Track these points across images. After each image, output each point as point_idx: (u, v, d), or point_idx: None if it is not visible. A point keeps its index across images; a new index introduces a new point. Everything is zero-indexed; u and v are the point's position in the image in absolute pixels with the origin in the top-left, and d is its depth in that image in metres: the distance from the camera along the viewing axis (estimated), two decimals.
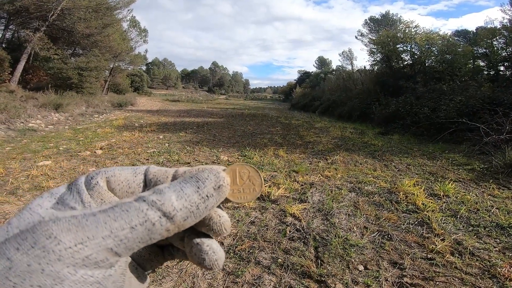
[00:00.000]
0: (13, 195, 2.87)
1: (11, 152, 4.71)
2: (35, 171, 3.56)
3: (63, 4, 12.66)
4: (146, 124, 8.56)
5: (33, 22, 13.57)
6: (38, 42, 12.67)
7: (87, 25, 13.81)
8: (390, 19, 26.60)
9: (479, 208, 2.81)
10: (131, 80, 28.27)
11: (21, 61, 12.49)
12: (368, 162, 4.54)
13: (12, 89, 10.78)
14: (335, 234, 2.28)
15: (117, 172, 0.23)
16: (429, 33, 12.78)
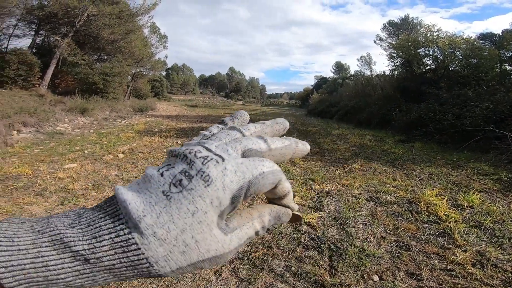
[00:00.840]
0: (41, 196, 3.04)
1: (40, 154, 5.00)
2: (62, 173, 3.75)
3: (89, 11, 13.43)
4: (166, 129, 8.81)
5: (61, 28, 14.49)
6: (66, 47, 13.48)
7: (111, 31, 14.56)
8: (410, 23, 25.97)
9: (505, 219, 2.68)
10: (152, 86, 29.24)
11: (51, 66, 13.28)
12: (388, 171, 4.42)
13: (42, 93, 11.44)
14: (351, 243, 2.25)
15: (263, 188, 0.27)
16: (453, 36, 12.33)
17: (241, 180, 0.23)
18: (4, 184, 3.31)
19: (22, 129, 6.92)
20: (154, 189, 0.22)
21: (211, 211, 0.22)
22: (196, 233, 0.22)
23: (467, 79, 10.71)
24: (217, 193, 0.22)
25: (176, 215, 0.21)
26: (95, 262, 0.20)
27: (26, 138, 6.39)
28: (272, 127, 0.32)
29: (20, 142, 5.96)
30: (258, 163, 0.24)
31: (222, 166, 0.23)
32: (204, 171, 0.22)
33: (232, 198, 0.23)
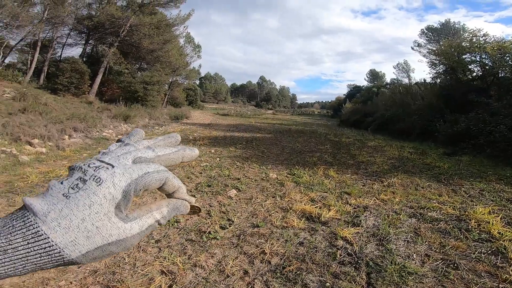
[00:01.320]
0: None
1: (88, 158, 5.41)
2: None
3: (131, 21, 14.61)
4: (199, 137, 9.09)
5: (108, 37, 15.95)
6: (112, 56, 14.74)
7: (151, 41, 15.65)
8: (452, 28, 24.29)
9: None
10: (187, 94, 30.53)
11: (99, 74, 14.53)
12: (432, 186, 4.11)
13: (91, 100, 12.48)
14: (391, 260, 2.11)
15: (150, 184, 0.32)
16: (501, 41, 11.34)
17: (128, 179, 0.29)
18: None
19: (73, 134, 7.58)
20: (55, 193, 0.27)
21: (106, 203, 0.27)
22: (96, 221, 0.27)
23: None
24: (109, 189, 0.28)
25: (75, 209, 0.26)
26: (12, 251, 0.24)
27: (76, 142, 6.98)
28: (164, 140, 0.38)
29: (71, 146, 6.52)
30: (144, 165, 0.31)
31: (111, 170, 0.29)
32: (96, 175, 0.28)
33: (123, 193, 0.28)
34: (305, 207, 3.06)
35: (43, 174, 4.06)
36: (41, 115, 7.68)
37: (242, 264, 2.08)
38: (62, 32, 15.33)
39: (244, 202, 3.30)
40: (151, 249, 2.26)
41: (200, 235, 2.48)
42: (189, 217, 2.84)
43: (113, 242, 0.28)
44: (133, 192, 0.29)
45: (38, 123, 7.05)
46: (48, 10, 12.31)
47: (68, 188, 0.27)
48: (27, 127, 6.53)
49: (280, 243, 2.36)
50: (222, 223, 2.73)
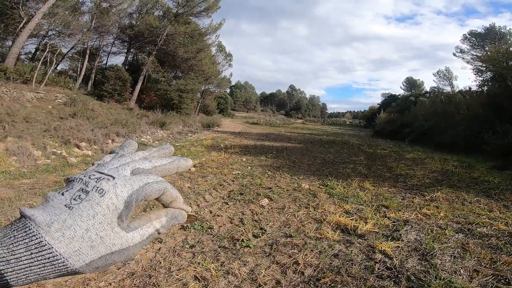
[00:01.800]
0: None
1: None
2: None
3: (167, 30, 15.57)
4: (230, 145, 9.27)
5: (146, 46, 17.10)
6: (151, 65, 15.75)
7: (185, 49, 16.50)
8: (497, 32, 22.45)
9: None
10: (218, 102, 31.40)
11: (139, 82, 15.54)
12: (481, 201, 3.78)
13: (131, 107, 13.33)
14: (436, 275, 1.99)
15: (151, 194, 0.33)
16: None
17: (130, 190, 0.30)
18: None
19: (115, 138, 8.16)
20: (57, 204, 0.28)
21: (109, 214, 0.28)
22: (99, 231, 0.27)
23: None
24: (112, 200, 0.29)
25: (79, 219, 0.27)
26: (15, 261, 0.24)
27: (118, 147, 7.50)
28: (158, 152, 0.40)
29: None
30: (143, 176, 0.32)
31: (113, 182, 0.30)
32: (98, 186, 0.29)
33: (126, 203, 0.29)
34: (339, 219, 2.96)
35: None
36: (88, 120, 8.38)
37: (274, 274, 2.07)
38: (108, 41, 16.82)
39: (277, 212, 3.29)
40: (186, 254, 2.32)
41: (233, 243, 2.50)
42: (222, 224, 2.89)
43: (116, 251, 0.28)
44: (135, 202, 0.30)
45: (86, 127, 7.71)
46: (95, 19, 13.51)
47: (70, 199, 0.28)
48: (76, 131, 7.16)
49: (314, 254, 2.31)
50: (254, 231, 2.74)
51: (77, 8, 13.26)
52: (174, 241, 2.53)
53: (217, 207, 3.40)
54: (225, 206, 3.43)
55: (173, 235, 2.64)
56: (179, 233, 2.69)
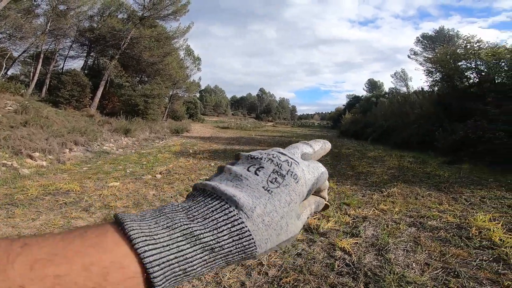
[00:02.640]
0: (86, 212, 3.27)
1: (88, 172, 5.45)
2: (106, 191, 4.04)
3: (132, 34, 14.93)
4: (199, 151, 9.13)
5: (109, 50, 16.26)
6: (113, 69, 14.97)
7: (151, 53, 15.94)
8: (446, 35, 24.60)
9: None
10: (187, 107, 30.76)
11: (100, 87, 14.68)
12: (432, 195, 4.09)
13: (92, 114, 12.57)
14: (390, 270, 2.10)
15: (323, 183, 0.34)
16: (495, 47, 11.44)
17: (313, 178, 0.31)
18: (54, 199, 3.64)
19: (73, 147, 7.64)
20: (254, 185, 0.27)
21: (298, 201, 0.29)
22: (289, 218, 0.27)
23: None
24: (303, 187, 0.29)
25: (278, 205, 0.26)
26: (218, 250, 0.23)
27: (76, 156, 7.03)
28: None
29: (71, 160, 6.56)
30: (317, 165, 0.33)
31: (300, 167, 0.30)
32: (293, 171, 0.29)
33: (308, 191, 0.30)
34: None
35: (43, 187, 4.08)
36: (42, 128, 7.76)
37: (239, 276, 2.07)
38: (64, 44, 15.72)
39: None
40: None
41: None
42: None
43: (290, 238, 0.28)
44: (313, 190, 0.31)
45: (39, 136, 7.13)
46: (51, 22, 12.62)
47: (267, 181, 0.27)
48: (28, 141, 6.60)
49: (278, 255, 2.35)
50: None
51: (31, 10, 12.27)
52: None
53: None
54: None
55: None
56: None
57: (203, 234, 0.23)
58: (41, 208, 3.31)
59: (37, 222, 2.92)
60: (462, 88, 12.35)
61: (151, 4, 15.21)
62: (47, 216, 3.09)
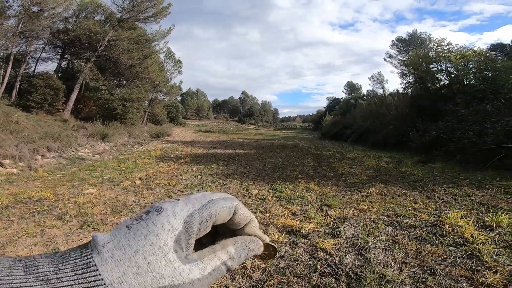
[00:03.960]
0: (61, 220, 3.13)
1: (62, 179, 5.20)
2: (82, 198, 3.88)
3: (109, 36, 14.40)
4: (181, 155, 8.98)
5: (84, 52, 15.51)
6: (89, 72, 14.37)
7: (130, 56, 15.47)
8: (419, 38, 25.51)
9: None
10: (168, 111, 30.24)
11: (74, 90, 14.05)
12: (408, 194, 4.26)
13: (66, 118, 12.03)
14: (370, 269, 2.15)
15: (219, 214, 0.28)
16: (464, 49, 12.05)
17: (191, 208, 0.27)
18: (26, 207, 3.46)
19: (46, 154, 7.27)
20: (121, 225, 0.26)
21: (163, 234, 0.25)
22: (148, 254, 0.24)
23: (484, 93, 10.27)
24: (168, 218, 0.25)
25: (132, 239, 0.24)
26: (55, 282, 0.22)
27: (49, 162, 6.69)
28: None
29: (44, 166, 6.24)
30: (207, 194, 0.29)
31: (175, 202, 0.27)
32: (158, 205, 0.27)
33: (185, 223, 0.26)
34: (286, 221, 3.07)
35: (14, 196, 3.87)
36: (12, 134, 7.34)
37: (223, 280, 2.05)
38: (37, 46, 14.87)
39: None
40: None
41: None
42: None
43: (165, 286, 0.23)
44: (198, 225, 0.26)
45: (9, 142, 6.73)
46: (23, 24, 11.97)
47: (133, 220, 0.26)
48: None
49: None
50: None
51: (2, 12, 11.56)
52: None
53: None
54: None
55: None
56: None
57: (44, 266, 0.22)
58: (12, 217, 3.13)
59: (9, 231, 2.77)
60: (434, 89, 12.93)
61: (131, 6, 14.80)
62: (19, 225, 2.93)
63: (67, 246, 2.56)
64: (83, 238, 2.72)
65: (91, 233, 2.83)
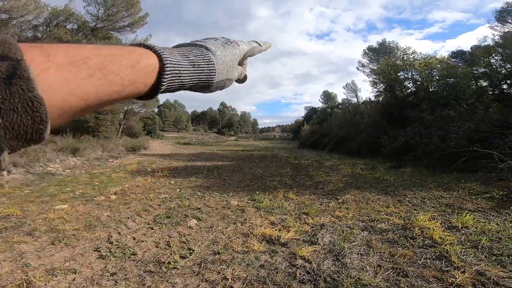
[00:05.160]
0: (30, 236, 3.00)
1: (29, 195, 4.92)
2: (52, 214, 3.71)
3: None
4: (158, 168, 8.77)
5: None
6: None
7: None
8: (387, 47, 26.19)
9: (502, 236, 2.70)
10: (144, 123, 29.48)
11: None
12: (381, 199, 4.45)
13: None
14: (347, 274, 2.22)
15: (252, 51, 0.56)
16: (427, 57, 12.68)
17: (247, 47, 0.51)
18: None
19: (12, 169, 6.82)
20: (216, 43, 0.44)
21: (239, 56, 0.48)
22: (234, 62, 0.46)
23: (447, 99, 10.88)
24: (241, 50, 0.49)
25: (229, 52, 0.45)
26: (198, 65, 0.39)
27: (16, 178, 6.29)
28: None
29: (10, 182, 5.86)
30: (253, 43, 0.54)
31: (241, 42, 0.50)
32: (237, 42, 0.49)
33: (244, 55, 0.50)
34: (265, 231, 3.10)
35: None
36: None
37: None
38: None
39: (205, 231, 3.25)
40: (106, 282, 2.14)
41: (160, 266, 2.40)
42: (147, 249, 2.74)
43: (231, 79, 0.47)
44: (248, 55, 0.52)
45: None
46: None
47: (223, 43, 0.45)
48: None
49: (241, 268, 2.36)
50: (182, 252, 2.66)
51: None
52: (91, 270, 2.31)
53: (141, 233, 3.19)
54: (150, 231, 3.23)
55: (90, 265, 2.41)
56: (96, 262, 2.46)
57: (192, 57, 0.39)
58: None
59: None
60: (402, 97, 13.46)
61: (106, 15, 14.42)
62: None
63: (39, 262, 2.47)
64: (55, 254, 2.62)
65: (63, 249, 2.74)
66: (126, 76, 0.29)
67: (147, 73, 0.32)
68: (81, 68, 0.25)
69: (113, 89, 0.28)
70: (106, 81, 0.27)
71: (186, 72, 0.37)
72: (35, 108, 0.21)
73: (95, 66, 0.26)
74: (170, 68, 0.34)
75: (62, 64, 0.23)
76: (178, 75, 0.36)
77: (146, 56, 0.33)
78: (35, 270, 2.31)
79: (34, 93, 0.20)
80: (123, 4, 14.39)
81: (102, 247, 2.78)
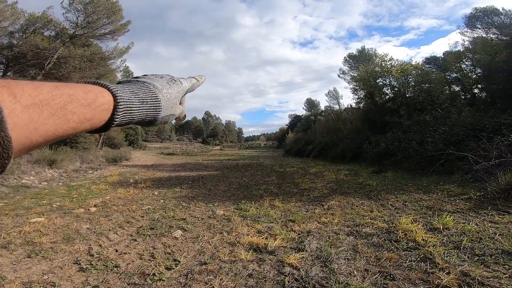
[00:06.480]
0: (5, 249, 2.88)
1: (4, 208, 4.69)
2: (28, 227, 3.55)
3: (59, 53, 13.27)
4: (141, 180, 8.53)
5: (30, 69, 14.07)
6: None
7: (82, 75, 14.26)
8: (367, 54, 26.37)
9: (482, 236, 2.78)
10: (126, 134, 28.74)
11: None
12: (365, 204, 4.52)
13: None
14: (335, 280, 2.21)
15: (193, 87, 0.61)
16: (403, 64, 13.10)
17: (189, 84, 0.55)
18: None
19: None
20: (162, 82, 0.48)
21: (182, 93, 0.52)
22: (177, 99, 0.50)
23: (422, 104, 11.28)
24: (183, 88, 0.53)
25: (173, 90, 0.49)
26: (146, 103, 0.42)
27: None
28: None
29: None
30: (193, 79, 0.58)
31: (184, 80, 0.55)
32: (180, 80, 0.53)
33: (186, 91, 0.55)
34: (252, 239, 3.06)
35: None
36: None
37: None
38: None
39: (191, 241, 3.17)
40: None
41: (144, 278, 2.32)
42: (131, 261, 2.64)
43: (174, 114, 0.50)
44: (188, 91, 0.56)
45: None
46: None
47: (167, 81, 0.49)
48: None
49: (229, 277, 2.31)
50: (167, 263, 2.58)
51: None
52: (71, 283, 2.22)
53: (124, 245, 3.07)
54: (133, 243, 3.12)
55: (70, 278, 2.31)
56: (77, 275, 2.36)
57: (141, 95, 0.42)
58: None
59: None
60: (381, 103, 13.87)
61: (86, 22, 13.92)
62: None
63: (15, 274, 2.38)
64: (32, 267, 2.51)
65: (41, 262, 2.63)
66: (83, 115, 0.32)
67: (102, 110, 0.35)
68: (44, 108, 0.27)
69: (71, 125, 0.30)
70: (65, 120, 0.29)
71: (136, 109, 0.40)
72: (5, 146, 0.23)
73: (56, 106, 0.28)
74: (123, 105, 0.38)
75: (27, 105, 0.26)
76: (130, 112, 0.39)
77: (101, 95, 0.36)
78: (11, 283, 2.20)
79: (5, 133, 0.23)
80: (104, 12, 13.99)
81: (82, 259, 2.66)
